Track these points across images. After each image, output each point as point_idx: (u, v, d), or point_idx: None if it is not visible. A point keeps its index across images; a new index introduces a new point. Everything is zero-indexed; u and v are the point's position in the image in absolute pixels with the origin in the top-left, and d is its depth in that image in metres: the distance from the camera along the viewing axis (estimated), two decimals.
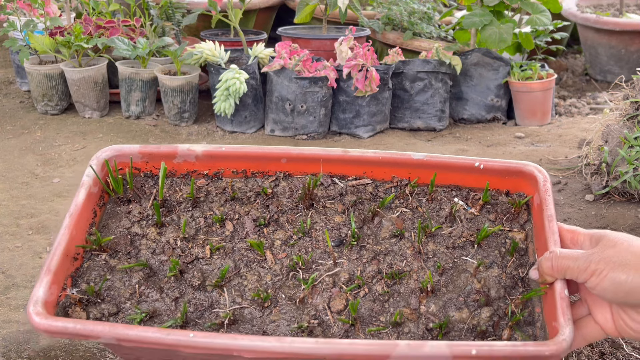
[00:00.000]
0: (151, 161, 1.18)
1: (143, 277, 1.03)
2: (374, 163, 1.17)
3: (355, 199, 1.16)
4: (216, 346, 0.86)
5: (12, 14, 3.02)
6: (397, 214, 1.15)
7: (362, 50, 2.57)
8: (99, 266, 1.04)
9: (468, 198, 1.15)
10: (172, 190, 1.19)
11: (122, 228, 1.12)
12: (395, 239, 1.10)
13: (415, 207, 1.15)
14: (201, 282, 1.03)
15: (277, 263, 1.07)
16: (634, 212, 1.77)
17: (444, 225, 1.12)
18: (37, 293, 0.91)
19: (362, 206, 1.16)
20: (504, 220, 1.12)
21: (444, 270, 1.05)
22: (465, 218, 1.12)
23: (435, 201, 1.17)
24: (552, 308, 0.90)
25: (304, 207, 1.16)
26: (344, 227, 1.12)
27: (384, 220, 1.14)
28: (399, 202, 1.17)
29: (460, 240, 1.08)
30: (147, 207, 1.15)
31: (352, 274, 1.04)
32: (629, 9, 4.01)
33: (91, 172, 1.12)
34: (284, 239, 1.11)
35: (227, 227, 1.12)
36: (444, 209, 1.15)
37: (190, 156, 1.17)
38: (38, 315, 0.87)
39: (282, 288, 1.03)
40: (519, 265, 1.04)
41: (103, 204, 1.14)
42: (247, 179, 1.18)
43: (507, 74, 2.87)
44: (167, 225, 1.12)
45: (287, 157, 1.17)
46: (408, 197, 1.16)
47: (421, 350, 0.87)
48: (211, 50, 2.65)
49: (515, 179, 1.12)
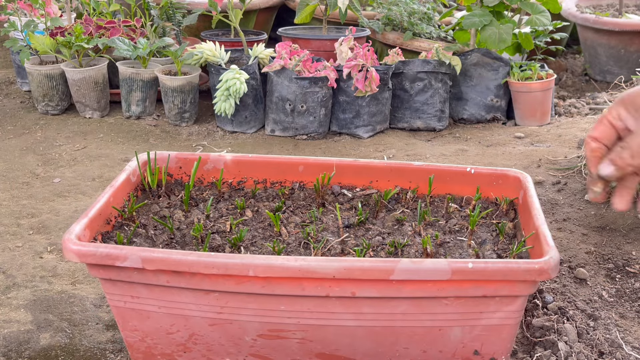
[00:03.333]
0: (184, 167, 1.32)
1: (167, 240, 1.14)
2: (379, 170, 1.29)
3: (362, 201, 1.28)
4: (233, 265, 0.95)
5: (12, 14, 3.02)
6: (400, 211, 1.26)
7: (362, 50, 2.57)
8: (127, 233, 1.15)
9: (463, 204, 1.29)
10: (199, 192, 1.32)
11: (152, 213, 1.23)
12: (398, 225, 1.21)
13: (415, 209, 1.27)
14: (220, 244, 1.14)
15: (291, 236, 1.17)
16: (634, 212, 1.78)
17: (441, 219, 1.24)
18: (74, 228, 1.01)
19: (368, 207, 1.27)
20: (495, 217, 1.25)
21: (442, 242, 1.16)
22: (460, 215, 1.26)
23: (433, 204, 1.28)
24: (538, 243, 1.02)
25: (316, 206, 1.27)
26: (352, 218, 1.22)
27: (387, 217, 1.24)
28: (401, 205, 1.28)
29: (455, 227, 1.21)
30: (175, 200, 1.29)
31: (360, 244, 1.15)
32: (629, 9, 4.02)
33: (134, 163, 1.25)
34: (298, 222, 1.21)
35: (247, 214, 1.24)
36: (441, 211, 1.27)
37: (220, 162, 1.31)
38: (72, 242, 0.98)
39: (294, 253, 1.13)
40: (509, 244, 1.16)
41: (136, 197, 1.26)
42: (266, 190, 1.32)
43: (506, 74, 2.88)
44: (192, 211, 1.25)
45: (304, 165, 1.31)
46: (409, 201, 1.28)
47: (422, 265, 0.95)
48: (211, 50, 2.65)
49: (502, 183, 1.28)
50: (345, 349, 1.04)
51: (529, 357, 1.20)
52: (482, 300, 0.98)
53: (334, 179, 1.29)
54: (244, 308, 0.99)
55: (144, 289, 1.01)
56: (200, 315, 1.02)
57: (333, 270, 0.93)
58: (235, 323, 1.02)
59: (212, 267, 0.94)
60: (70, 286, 1.47)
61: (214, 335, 1.04)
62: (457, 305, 0.98)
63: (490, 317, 1.01)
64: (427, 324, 1.01)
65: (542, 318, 1.27)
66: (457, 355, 1.05)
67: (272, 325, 1.01)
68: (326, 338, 1.02)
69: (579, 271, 1.50)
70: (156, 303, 1.02)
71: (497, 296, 0.98)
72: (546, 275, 0.93)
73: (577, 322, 1.27)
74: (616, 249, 1.63)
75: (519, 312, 1.01)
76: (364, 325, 1.01)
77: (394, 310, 0.99)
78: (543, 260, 0.94)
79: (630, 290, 1.45)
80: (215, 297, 0.99)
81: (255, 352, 1.05)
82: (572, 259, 1.57)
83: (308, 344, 1.03)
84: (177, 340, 1.06)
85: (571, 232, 1.71)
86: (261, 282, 0.95)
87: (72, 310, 1.38)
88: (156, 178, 1.28)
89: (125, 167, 1.24)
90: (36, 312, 1.37)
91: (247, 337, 1.03)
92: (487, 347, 1.04)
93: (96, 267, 0.99)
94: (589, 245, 1.64)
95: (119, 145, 2.46)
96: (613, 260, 1.57)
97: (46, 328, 1.31)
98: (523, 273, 0.94)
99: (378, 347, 1.03)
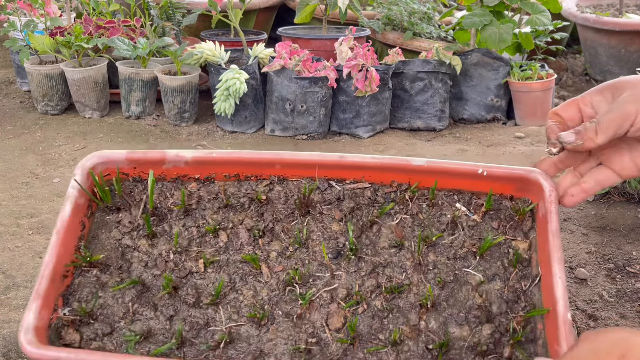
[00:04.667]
0: (139, 167, 1.12)
1: (136, 294, 1.00)
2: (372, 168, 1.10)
3: (354, 204, 1.10)
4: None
5: (12, 14, 3.02)
6: (397, 221, 1.09)
7: (362, 50, 2.57)
8: (90, 282, 1.01)
9: (470, 203, 1.10)
10: (163, 196, 1.13)
11: (113, 240, 1.07)
12: (395, 250, 1.06)
13: (415, 214, 1.10)
14: (196, 299, 0.99)
15: (274, 277, 1.03)
16: (634, 212, 1.77)
17: (445, 233, 1.07)
18: (28, 319, 0.89)
19: (360, 212, 1.10)
20: (507, 228, 1.07)
21: (444, 284, 1.01)
22: (467, 225, 1.07)
23: (436, 207, 1.10)
24: (554, 329, 0.87)
25: (300, 215, 1.10)
26: (342, 236, 1.08)
27: (382, 229, 1.08)
28: (399, 208, 1.11)
29: (462, 250, 1.04)
30: (137, 215, 1.09)
31: (351, 289, 1.01)
32: (629, 9, 4.01)
33: (75, 184, 1.06)
34: (279, 251, 1.06)
35: (220, 237, 1.08)
36: (446, 214, 1.09)
37: (179, 162, 1.11)
38: (30, 344, 0.86)
39: (278, 304, 0.99)
40: (522, 277, 1.00)
41: (91, 214, 1.09)
42: (240, 183, 1.13)
43: (507, 74, 2.88)
44: (158, 236, 1.08)
45: (281, 163, 1.11)
46: (408, 202, 1.10)
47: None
48: (211, 50, 2.65)
49: (520, 187, 1.07)
50: None
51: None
52: None
53: (319, 174, 1.11)
54: None
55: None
56: None
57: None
58: None
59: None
60: None
61: None
62: None
63: None
64: None
65: None
66: None
67: None
68: None
69: (579, 271, 1.50)
70: None
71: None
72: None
73: (578, 322, 1.27)
74: (616, 249, 1.62)
75: None
76: None
77: None
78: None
79: (631, 290, 1.45)
80: None
81: None
82: (573, 259, 1.57)
83: None
84: None
85: (572, 232, 1.71)
86: None
87: None
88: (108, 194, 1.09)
89: (67, 192, 1.05)
90: None
91: None
92: None
93: None
94: (590, 246, 1.64)
95: (119, 145, 2.46)
96: (613, 261, 1.57)
97: None
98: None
99: None
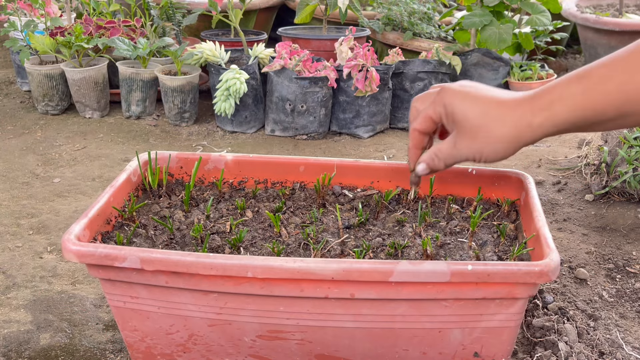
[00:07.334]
0: (185, 167, 1.32)
1: (166, 241, 1.13)
2: (380, 170, 1.30)
3: (363, 202, 1.28)
4: (232, 266, 0.94)
5: (12, 14, 3.02)
6: (400, 212, 1.26)
7: (362, 50, 2.57)
8: (127, 233, 1.15)
9: (464, 205, 1.28)
10: (200, 192, 1.31)
11: (152, 213, 1.23)
12: (399, 226, 1.21)
13: (416, 210, 1.27)
14: (220, 245, 1.13)
15: (291, 237, 1.16)
16: (634, 212, 1.77)
17: (442, 220, 1.24)
18: (74, 229, 1.00)
19: (368, 208, 1.27)
20: (496, 218, 1.24)
21: (443, 244, 1.15)
22: (461, 217, 1.25)
23: (434, 205, 1.28)
24: (539, 245, 1.02)
25: (317, 206, 1.27)
26: (353, 219, 1.22)
27: (387, 218, 1.23)
28: (402, 206, 1.28)
29: (456, 228, 1.20)
30: (176, 200, 1.28)
31: (359, 245, 1.14)
32: (629, 9, 4.01)
33: (134, 163, 1.25)
34: (297, 223, 1.21)
35: (247, 214, 1.24)
36: (442, 211, 1.26)
37: (220, 162, 1.31)
38: (71, 243, 0.97)
39: (293, 254, 1.12)
40: (510, 245, 1.15)
41: (137, 197, 1.26)
42: (267, 190, 1.32)
43: (506, 74, 2.88)
44: (192, 211, 1.25)
45: (305, 165, 1.29)
46: (410, 202, 1.29)
47: (421, 267, 0.95)
48: (211, 50, 2.65)
49: (503, 184, 1.27)
50: (344, 350, 1.04)
51: (529, 357, 1.20)
52: (481, 303, 0.98)
53: (334, 179, 1.29)
54: (242, 309, 0.99)
55: (143, 289, 1.01)
56: (200, 315, 1.02)
57: (332, 271, 0.93)
58: (234, 324, 1.02)
59: (211, 268, 0.94)
60: (70, 286, 1.47)
61: (213, 336, 1.04)
62: (457, 307, 0.98)
63: (490, 320, 1.01)
64: (426, 326, 1.01)
65: (542, 318, 1.27)
66: (457, 358, 1.05)
67: (271, 326, 1.01)
68: (325, 339, 1.02)
69: (579, 271, 1.50)
70: (155, 303, 1.02)
71: (497, 298, 0.98)
72: (546, 277, 0.93)
73: (578, 322, 1.27)
74: (616, 249, 1.62)
75: (519, 315, 1.01)
76: (363, 327, 1.01)
77: (393, 312, 0.99)
78: (543, 262, 0.94)
79: (631, 290, 1.45)
80: (214, 298, 0.99)
81: (255, 352, 1.05)
82: (573, 259, 1.57)
83: (307, 345, 1.03)
84: (177, 341, 1.06)
85: (571, 232, 1.71)
86: (260, 283, 0.95)
87: (72, 310, 1.38)
88: (157, 178, 1.27)
89: (125, 167, 1.24)
90: (36, 312, 1.37)
91: (247, 338, 1.03)
92: (487, 349, 1.04)
93: (95, 267, 0.99)
94: (589, 246, 1.64)
95: (119, 145, 2.46)
96: (613, 261, 1.57)
97: (46, 328, 1.31)
98: (523, 275, 0.94)
99: (377, 348, 1.03)
